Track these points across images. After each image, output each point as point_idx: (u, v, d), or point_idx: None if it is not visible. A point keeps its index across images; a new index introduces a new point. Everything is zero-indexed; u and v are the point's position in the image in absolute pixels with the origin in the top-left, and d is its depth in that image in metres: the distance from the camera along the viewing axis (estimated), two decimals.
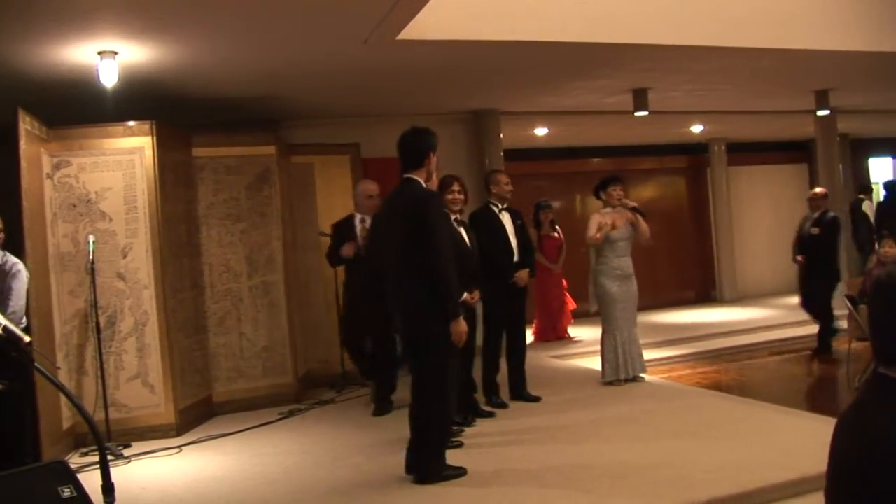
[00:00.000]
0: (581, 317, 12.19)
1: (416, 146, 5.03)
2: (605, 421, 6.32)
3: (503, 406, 6.88)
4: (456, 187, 6.29)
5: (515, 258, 6.91)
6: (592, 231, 7.41)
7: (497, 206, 6.94)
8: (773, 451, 5.16)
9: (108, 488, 2.27)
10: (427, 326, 4.90)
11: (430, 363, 4.95)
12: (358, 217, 7.34)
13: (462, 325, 4.87)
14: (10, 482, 3.27)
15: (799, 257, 9.66)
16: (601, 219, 7.47)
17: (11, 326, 2.26)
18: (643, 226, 7.54)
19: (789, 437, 5.56)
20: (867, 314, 1.98)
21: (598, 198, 7.74)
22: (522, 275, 6.91)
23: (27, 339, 2.27)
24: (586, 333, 11.19)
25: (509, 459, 5.43)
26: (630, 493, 4.59)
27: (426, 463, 5.00)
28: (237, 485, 5.32)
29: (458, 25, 6.44)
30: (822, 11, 7.68)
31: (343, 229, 7.38)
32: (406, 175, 5.04)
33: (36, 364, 2.39)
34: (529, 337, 10.52)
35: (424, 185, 5.03)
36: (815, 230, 9.50)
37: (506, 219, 6.92)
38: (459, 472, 5.07)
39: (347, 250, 7.16)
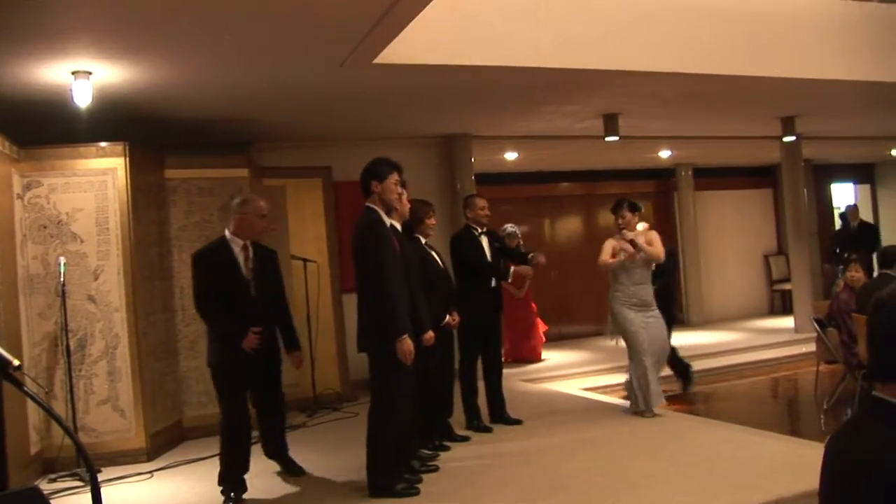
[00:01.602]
0: (555, 339, 12.33)
1: (363, 176, 5.35)
2: (579, 444, 6.33)
3: (487, 430, 6.87)
4: (433, 213, 6.38)
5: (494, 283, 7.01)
6: (605, 255, 7.06)
7: (476, 230, 6.98)
8: (748, 474, 5.19)
9: None
10: (372, 343, 5.13)
11: (378, 378, 5.17)
12: (238, 244, 5.52)
13: (406, 344, 4.96)
14: None
15: None
16: (615, 243, 7.09)
17: (0, 350, 2.22)
18: (648, 252, 6.97)
19: (763, 459, 5.60)
20: (867, 333, 2.00)
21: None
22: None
23: (16, 362, 2.23)
24: (558, 357, 11.26)
25: (483, 482, 5.44)
26: None
27: (372, 476, 5.19)
28: None
29: (433, 50, 6.47)
30: (790, 40, 7.82)
31: (216, 259, 5.47)
32: (365, 203, 5.35)
33: (26, 389, 2.34)
34: None
35: (380, 210, 5.27)
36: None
37: (484, 242, 6.96)
38: (412, 490, 5.16)
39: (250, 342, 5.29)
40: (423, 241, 6.33)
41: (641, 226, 7.47)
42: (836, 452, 1.96)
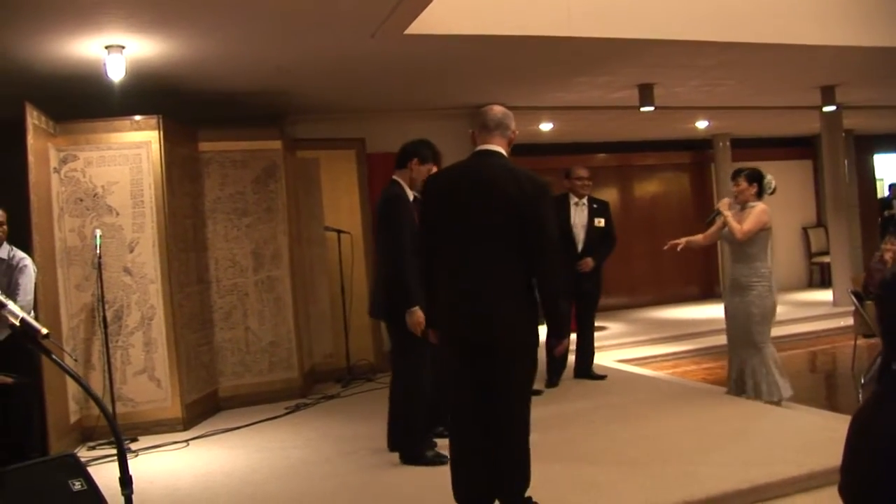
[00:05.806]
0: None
1: (406, 150, 5.49)
2: (610, 416, 6.32)
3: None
4: None
5: (579, 248, 7.55)
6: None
7: (574, 200, 7.59)
8: (780, 447, 5.15)
9: (125, 480, 2.27)
10: (389, 310, 5.26)
11: (398, 346, 5.33)
12: None
13: (417, 316, 4.99)
14: (22, 475, 3.29)
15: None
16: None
17: (29, 318, 2.26)
18: (728, 222, 6.32)
19: (796, 432, 5.56)
20: (877, 311, 1.96)
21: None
22: (586, 263, 7.54)
23: (45, 331, 2.27)
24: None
25: None
26: (639, 488, 4.58)
27: (403, 444, 5.33)
28: (246, 478, 5.32)
29: (464, 20, 6.44)
30: (829, 6, 7.66)
31: None
32: (392, 176, 5.48)
33: (54, 357, 2.39)
34: None
35: (405, 184, 5.41)
36: None
37: (578, 212, 7.55)
38: (443, 458, 5.10)
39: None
40: None
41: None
42: (858, 426, 1.95)
